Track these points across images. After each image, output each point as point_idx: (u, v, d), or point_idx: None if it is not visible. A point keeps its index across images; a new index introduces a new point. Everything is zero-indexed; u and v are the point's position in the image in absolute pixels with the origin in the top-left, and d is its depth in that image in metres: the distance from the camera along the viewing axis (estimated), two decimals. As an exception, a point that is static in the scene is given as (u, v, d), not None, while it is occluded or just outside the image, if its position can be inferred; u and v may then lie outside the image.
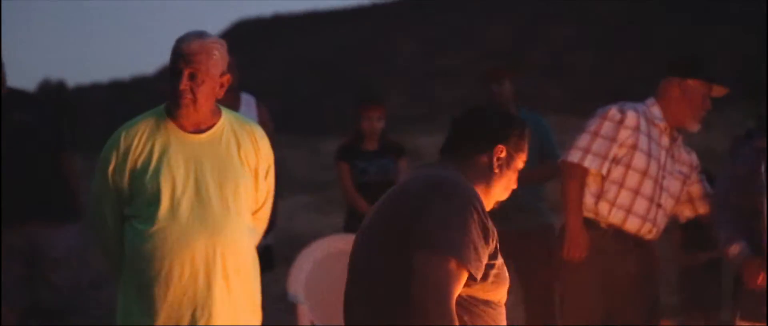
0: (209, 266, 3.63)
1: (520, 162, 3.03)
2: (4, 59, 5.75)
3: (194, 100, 3.63)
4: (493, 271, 2.87)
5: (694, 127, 4.84)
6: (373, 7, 46.32)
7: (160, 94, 3.84)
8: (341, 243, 5.45)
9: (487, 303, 2.89)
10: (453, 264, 2.75)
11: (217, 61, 3.66)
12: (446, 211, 2.79)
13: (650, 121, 4.78)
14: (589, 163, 4.71)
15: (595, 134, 4.72)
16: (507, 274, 2.93)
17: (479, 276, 2.81)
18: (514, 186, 3.03)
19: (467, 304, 2.84)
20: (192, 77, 3.61)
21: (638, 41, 31.82)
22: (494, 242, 2.86)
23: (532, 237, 6.10)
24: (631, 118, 4.73)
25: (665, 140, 4.81)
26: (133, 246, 3.69)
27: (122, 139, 3.70)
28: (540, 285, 6.08)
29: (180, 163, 3.66)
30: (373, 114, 6.38)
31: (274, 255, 6.04)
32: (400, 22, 44.07)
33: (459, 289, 2.77)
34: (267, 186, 3.82)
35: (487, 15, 41.29)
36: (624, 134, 4.71)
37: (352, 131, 6.54)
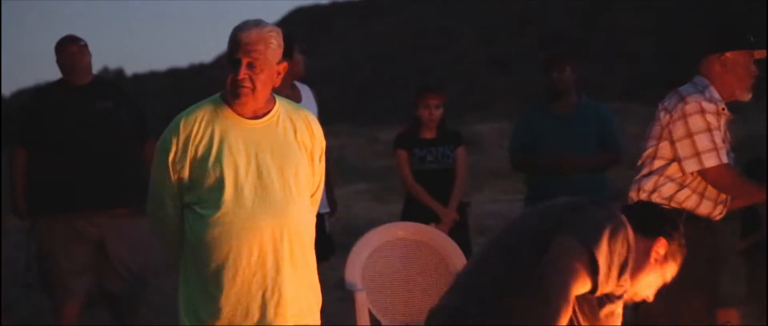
0: (277, 248, 3.66)
1: (669, 272, 3.11)
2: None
3: (253, 89, 3.65)
4: (607, 309, 2.98)
5: (746, 97, 4.74)
6: (430, -5, 46.06)
7: (218, 81, 3.84)
8: (399, 231, 5.40)
9: None
10: (585, 259, 2.85)
11: (275, 49, 3.67)
12: (603, 217, 2.94)
13: (714, 103, 4.69)
14: (724, 157, 4.61)
15: (708, 129, 4.61)
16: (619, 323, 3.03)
17: (596, 291, 2.87)
18: (651, 298, 3.14)
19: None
20: (250, 66, 3.63)
21: (701, 24, 31.37)
22: (622, 289, 2.95)
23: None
24: (710, 106, 4.64)
25: (724, 119, 4.73)
26: (196, 233, 3.69)
27: (182, 126, 3.70)
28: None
29: (241, 149, 3.68)
30: (432, 102, 6.33)
31: (333, 242, 6.02)
32: (458, 10, 43.91)
33: (580, 288, 2.81)
34: (321, 169, 3.86)
35: (547, 1, 41.02)
36: (716, 120, 4.62)
37: (410, 119, 6.50)
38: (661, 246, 3.08)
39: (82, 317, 5.84)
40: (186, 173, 3.70)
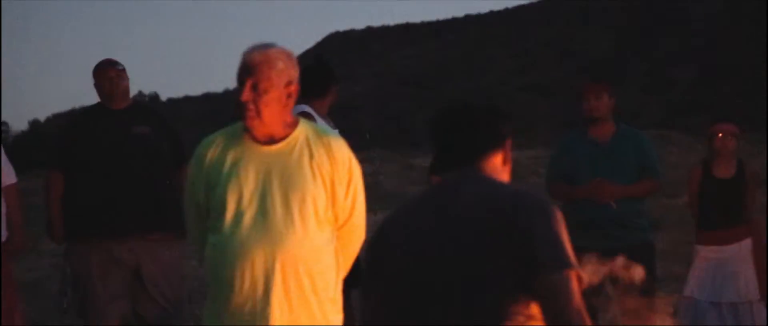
0: (268, 277, 3.57)
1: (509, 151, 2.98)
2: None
3: (258, 112, 3.58)
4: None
5: None
6: (467, 20, 46.18)
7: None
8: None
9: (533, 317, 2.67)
10: (576, 276, 2.66)
11: (282, 71, 3.59)
12: (551, 228, 2.64)
13: None
14: None
15: None
16: None
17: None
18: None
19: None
20: (254, 88, 3.57)
21: (741, 55, 31.21)
22: None
23: (633, 255, 5.92)
24: None
25: None
26: (206, 257, 3.71)
27: (200, 152, 3.72)
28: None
29: (249, 175, 3.63)
30: (467, 128, 6.28)
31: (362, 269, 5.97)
32: (494, 35, 43.87)
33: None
34: (352, 195, 3.72)
35: (586, 27, 40.89)
36: None
37: (445, 145, 6.44)
38: (509, 146, 2.99)
39: (116, 342, 5.82)
40: (202, 197, 3.70)
